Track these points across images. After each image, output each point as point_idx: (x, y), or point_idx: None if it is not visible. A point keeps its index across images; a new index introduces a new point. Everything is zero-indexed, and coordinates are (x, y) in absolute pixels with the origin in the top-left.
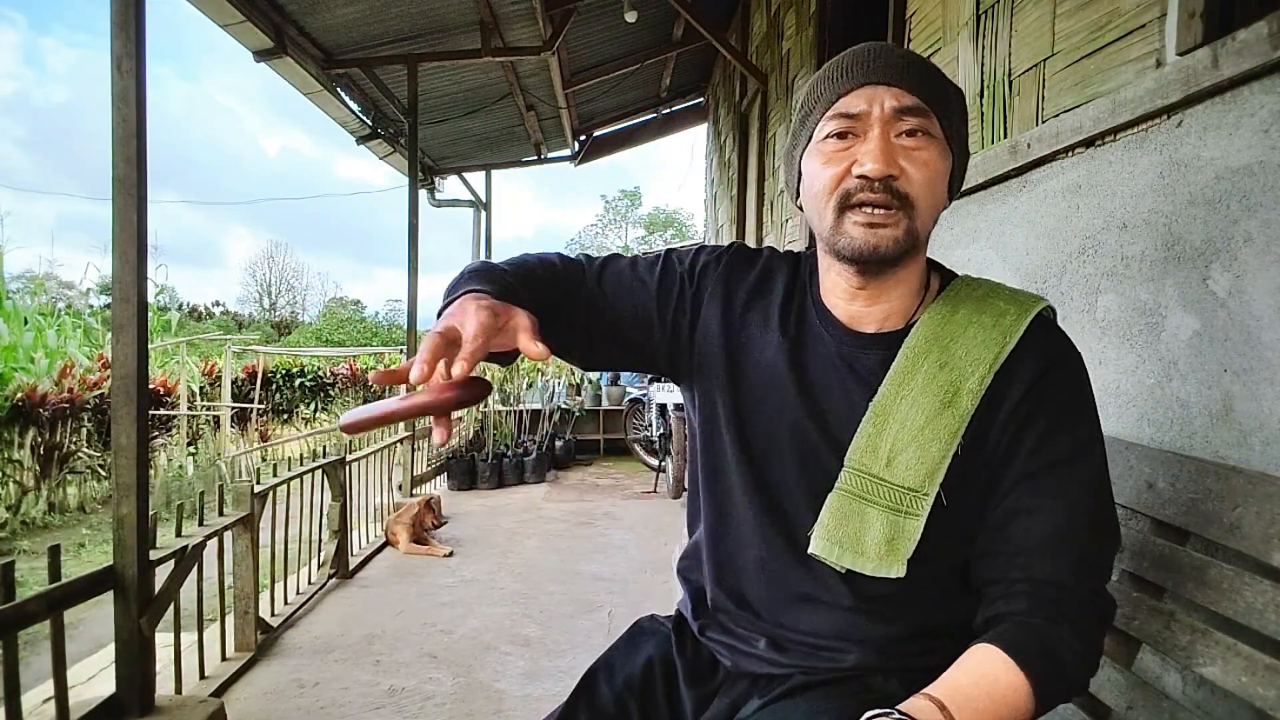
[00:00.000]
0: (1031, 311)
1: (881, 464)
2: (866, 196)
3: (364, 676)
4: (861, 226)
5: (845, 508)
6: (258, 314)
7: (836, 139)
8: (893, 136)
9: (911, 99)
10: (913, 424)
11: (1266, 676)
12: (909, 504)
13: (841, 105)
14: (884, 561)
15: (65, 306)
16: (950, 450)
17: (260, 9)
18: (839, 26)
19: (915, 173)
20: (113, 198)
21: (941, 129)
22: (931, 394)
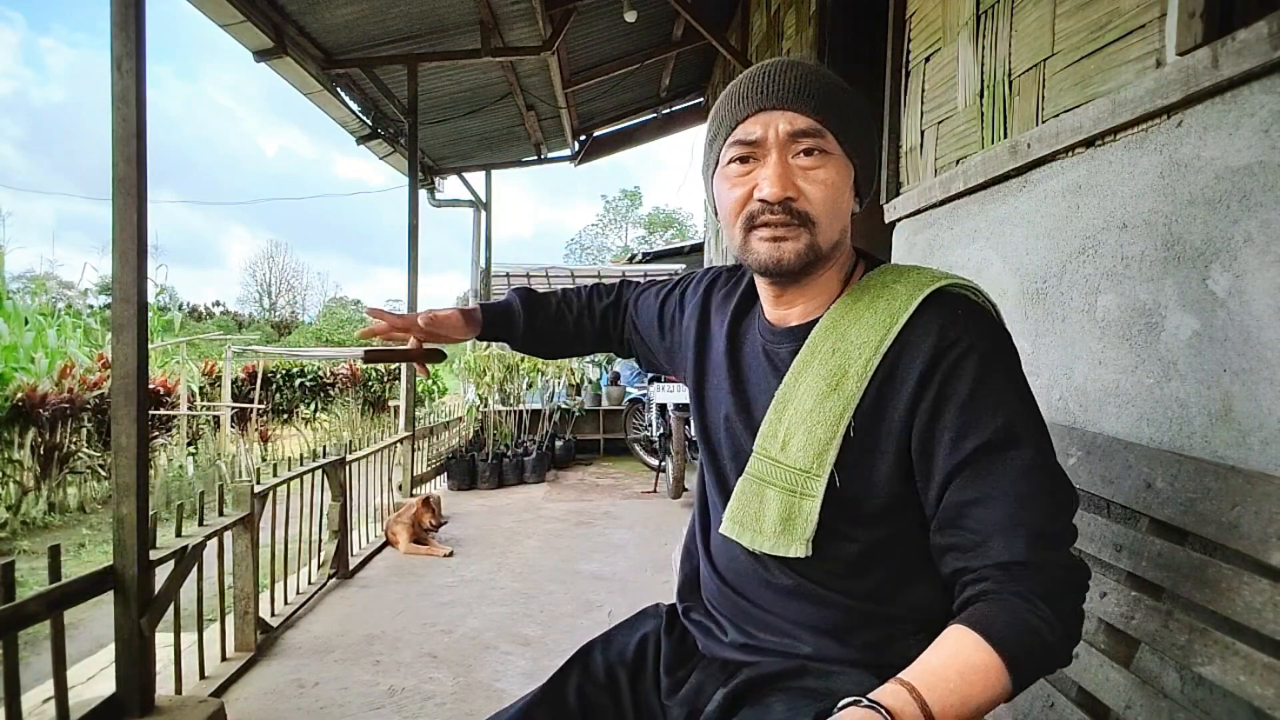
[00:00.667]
0: (923, 291)
1: (779, 447)
2: (767, 218)
3: (364, 676)
4: (765, 242)
5: (748, 489)
6: (258, 314)
7: (739, 163)
8: (790, 158)
9: (805, 121)
10: (804, 409)
11: (1265, 675)
12: (802, 485)
13: (740, 132)
14: (781, 540)
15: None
16: (837, 432)
17: (260, 9)
18: (839, 26)
19: (813, 191)
20: (113, 198)
21: (839, 143)
22: (821, 379)
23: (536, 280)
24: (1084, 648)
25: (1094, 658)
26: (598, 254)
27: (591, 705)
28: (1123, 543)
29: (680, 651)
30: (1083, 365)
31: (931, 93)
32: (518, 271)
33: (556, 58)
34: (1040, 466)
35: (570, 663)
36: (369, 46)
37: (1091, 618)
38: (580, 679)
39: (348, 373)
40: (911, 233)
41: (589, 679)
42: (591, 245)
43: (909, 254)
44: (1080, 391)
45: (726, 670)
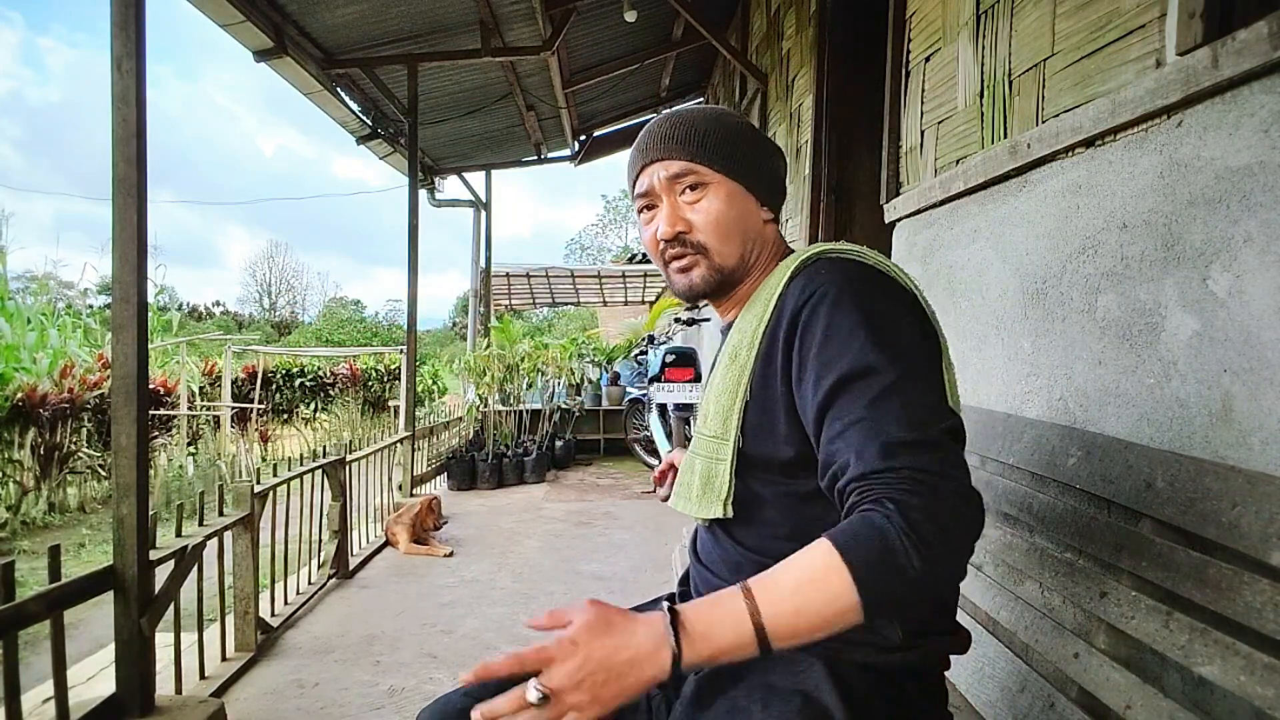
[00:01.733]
0: (792, 265)
1: (703, 422)
2: (670, 253)
3: (364, 676)
4: (676, 273)
5: (686, 464)
6: (258, 314)
7: (646, 210)
8: (677, 197)
9: (678, 164)
10: (715, 385)
11: (1265, 675)
12: (716, 450)
13: (637, 186)
14: (703, 502)
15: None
16: (737, 398)
17: (260, 9)
18: (839, 26)
19: (700, 220)
20: (113, 198)
21: (717, 171)
22: (727, 358)
23: (536, 280)
24: (1084, 647)
25: (1094, 658)
26: (598, 254)
27: None
28: (1123, 543)
29: None
30: (1083, 365)
31: (931, 93)
32: (518, 271)
33: (556, 58)
34: (894, 389)
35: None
36: (369, 46)
37: (1092, 618)
38: None
39: (348, 373)
40: (911, 233)
41: None
42: (591, 245)
43: (909, 254)
44: (1080, 391)
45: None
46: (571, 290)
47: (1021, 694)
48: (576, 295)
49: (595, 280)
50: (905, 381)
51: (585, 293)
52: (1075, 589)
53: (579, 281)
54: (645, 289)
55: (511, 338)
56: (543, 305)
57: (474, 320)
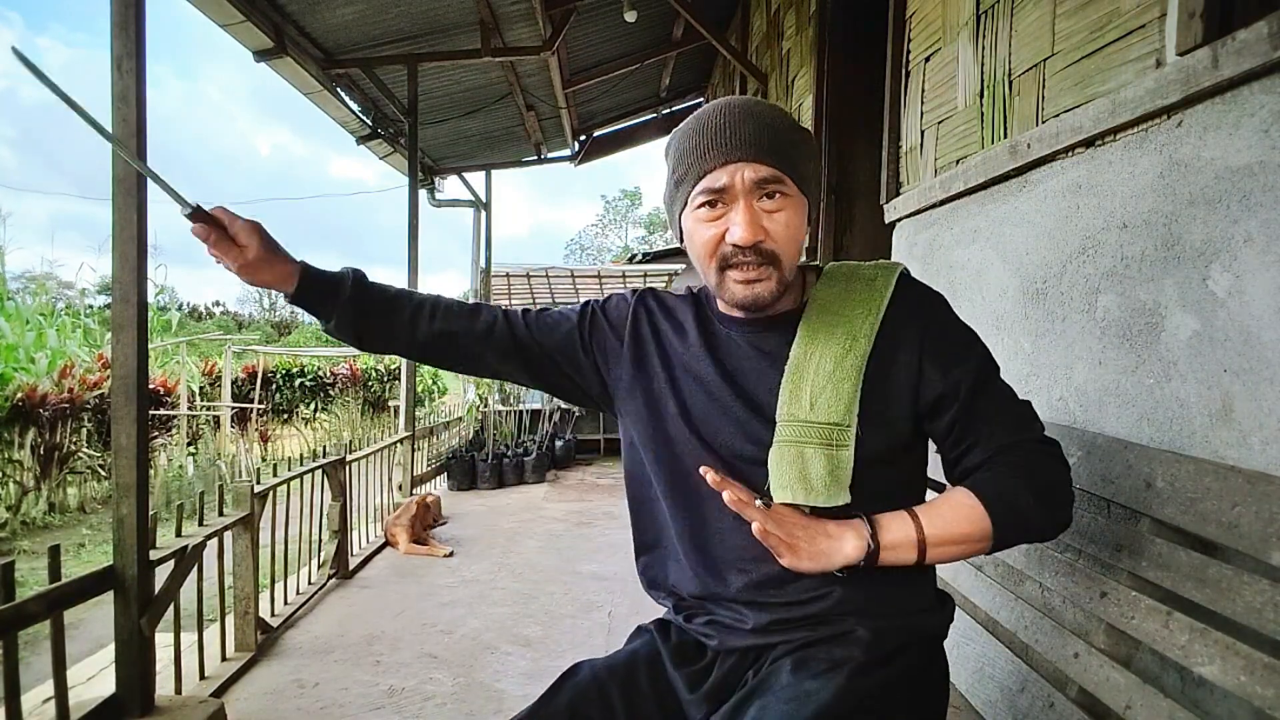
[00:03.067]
0: (895, 273)
1: (807, 409)
2: (740, 259)
3: (364, 677)
4: (740, 284)
5: (787, 455)
6: (258, 314)
7: (708, 207)
8: (755, 203)
9: (767, 170)
10: (825, 370)
11: (1265, 675)
12: (837, 437)
13: (709, 180)
14: (831, 491)
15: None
16: (858, 384)
17: (260, 9)
18: (839, 26)
19: (778, 231)
20: (113, 198)
21: (795, 184)
22: (835, 344)
23: (536, 280)
24: (1084, 647)
25: (1094, 658)
26: (598, 254)
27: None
28: (1123, 543)
29: (685, 653)
30: (1083, 365)
31: (931, 93)
32: (518, 271)
33: (556, 58)
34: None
35: (559, 680)
36: (369, 46)
37: (1092, 618)
38: (570, 695)
39: (348, 373)
40: (912, 233)
41: (579, 694)
42: (591, 245)
43: (909, 254)
44: (1080, 391)
45: (748, 657)
46: (571, 290)
47: (1021, 694)
48: (576, 295)
49: (595, 280)
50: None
51: (585, 293)
52: (1075, 589)
53: (579, 281)
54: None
55: None
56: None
57: None
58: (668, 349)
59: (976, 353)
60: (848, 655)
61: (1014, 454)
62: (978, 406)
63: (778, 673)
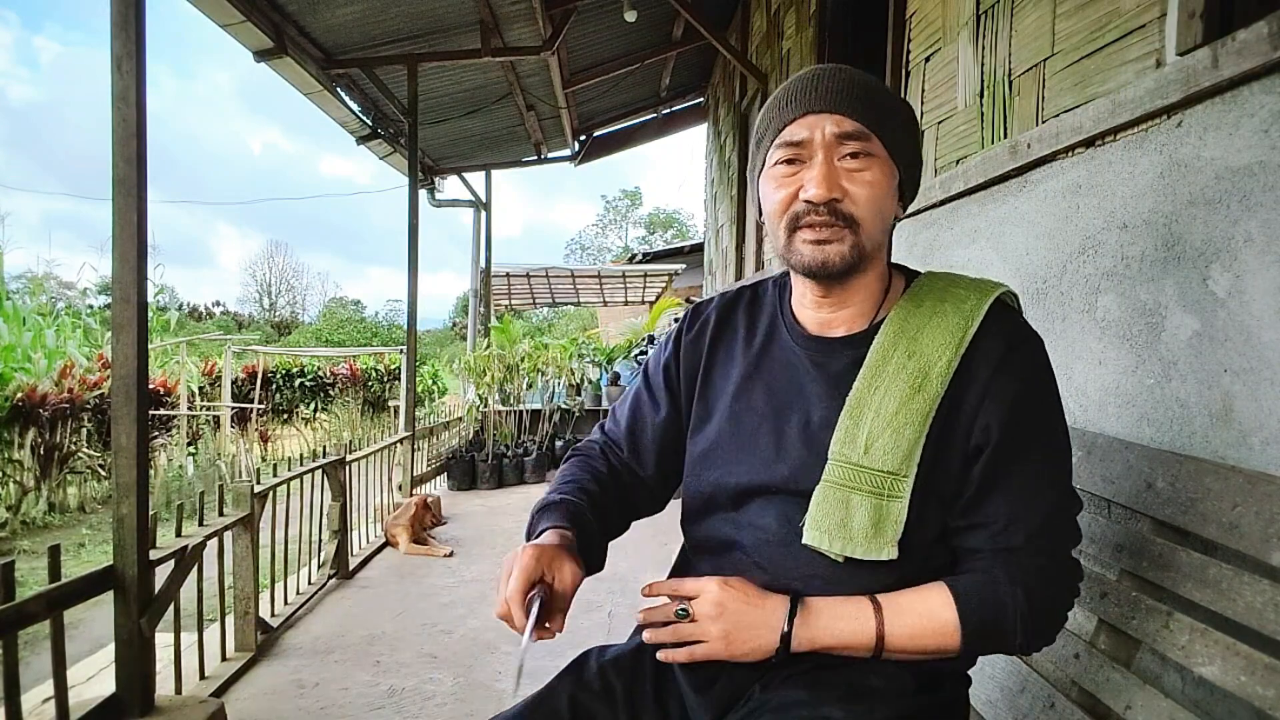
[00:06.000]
0: (990, 296)
1: (860, 452)
2: (813, 219)
3: (364, 677)
4: (810, 244)
5: (830, 497)
6: (257, 314)
7: (785, 165)
8: (836, 160)
9: (851, 124)
10: (886, 411)
11: (1265, 676)
12: (890, 487)
13: (787, 134)
14: (872, 544)
15: (65, 307)
16: (923, 432)
17: (260, 9)
18: (839, 26)
19: (859, 193)
20: (113, 198)
21: (885, 147)
22: (902, 382)
23: (536, 280)
24: (1084, 648)
25: (1094, 658)
26: (598, 254)
27: (584, 713)
28: (1123, 543)
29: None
30: (1083, 365)
31: (931, 93)
32: (518, 271)
33: (556, 58)
34: (1058, 478)
35: (563, 671)
36: (369, 46)
37: (1092, 618)
38: (573, 687)
39: (348, 373)
40: (912, 233)
41: (582, 687)
42: (591, 245)
43: (909, 254)
44: (1080, 391)
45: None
46: (571, 290)
47: (1021, 694)
48: (576, 295)
49: (595, 280)
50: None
51: (585, 293)
52: None
53: (579, 281)
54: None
55: (511, 338)
56: (543, 305)
57: (474, 320)
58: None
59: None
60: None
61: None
62: (1011, 479)
63: (792, 688)
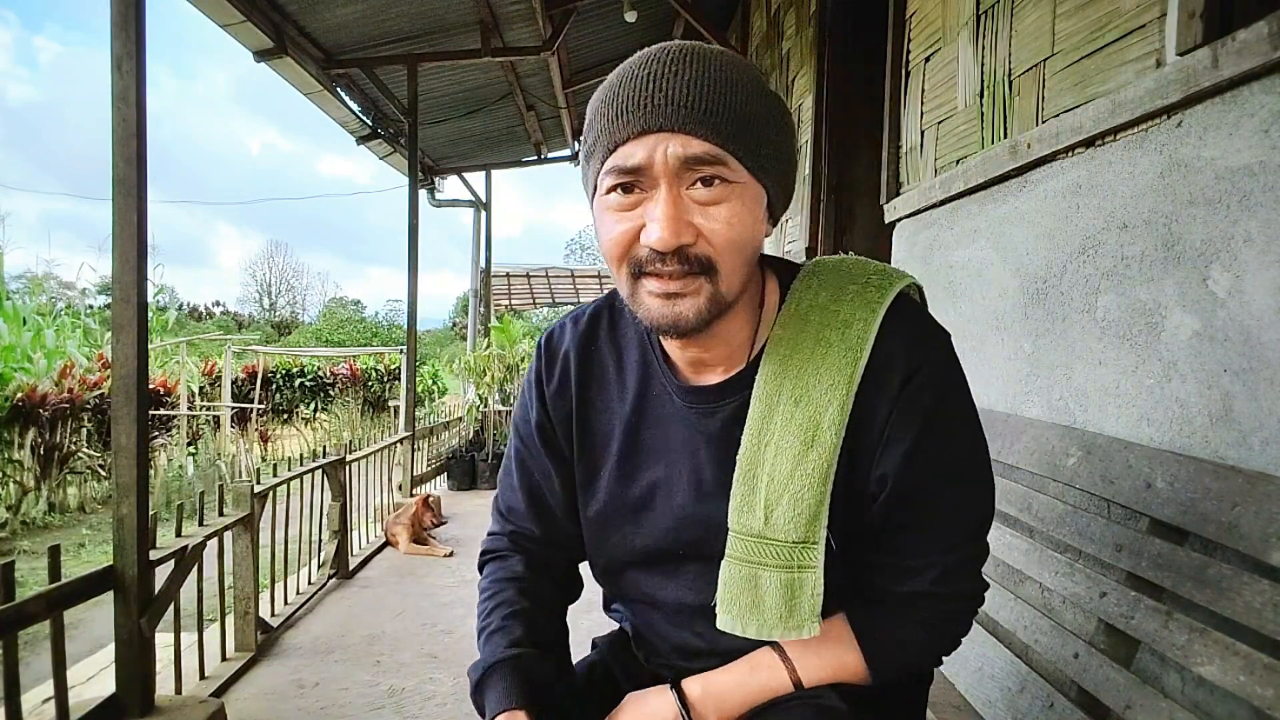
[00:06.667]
0: (878, 313)
1: (760, 522)
2: (659, 268)
3: (364, 677)
4: (658, 298)
5: (737, 576)
6: (258, 314)
7: (620, 193)
8: (684, 189)
9: (701, 145)
10: (781, 473)
11: (1265, 676)
12: (800, 557)
13: (620, 157)
14: (789, 624)
15: (65, 307)
16: (825, 492)
17: (260, 9)
18: (839, 26)
19: (715, 230)
20: (113, 198)
21: (746, 167)
22: (792, 436)
23: (536, 280)
24: (1084, 647)
25: (1094, 658)
26: (598, 254)
27: None
28: (1123, 543)
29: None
30: (1083, 365)
31: (931, 93)
32: (518, 271)
33: (556, 58)
34: (972, 501)
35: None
36: (369, 46)
37: (1092, 618)
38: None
39: (348, 373)
40: (911, 233)
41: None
42: (591, 245)
43: (909, 254)
44: (1080, 391)
45: None
46: (571, 290)
47: (1021, 694)
48: (576, 295)
49: (595, 280)
50: (980, 491)
51: (585, 293)
52: (1075, 589)
53: (579, 281)
54: None
55: (511, 338)
56: (543, 305)
57: (474, 320)
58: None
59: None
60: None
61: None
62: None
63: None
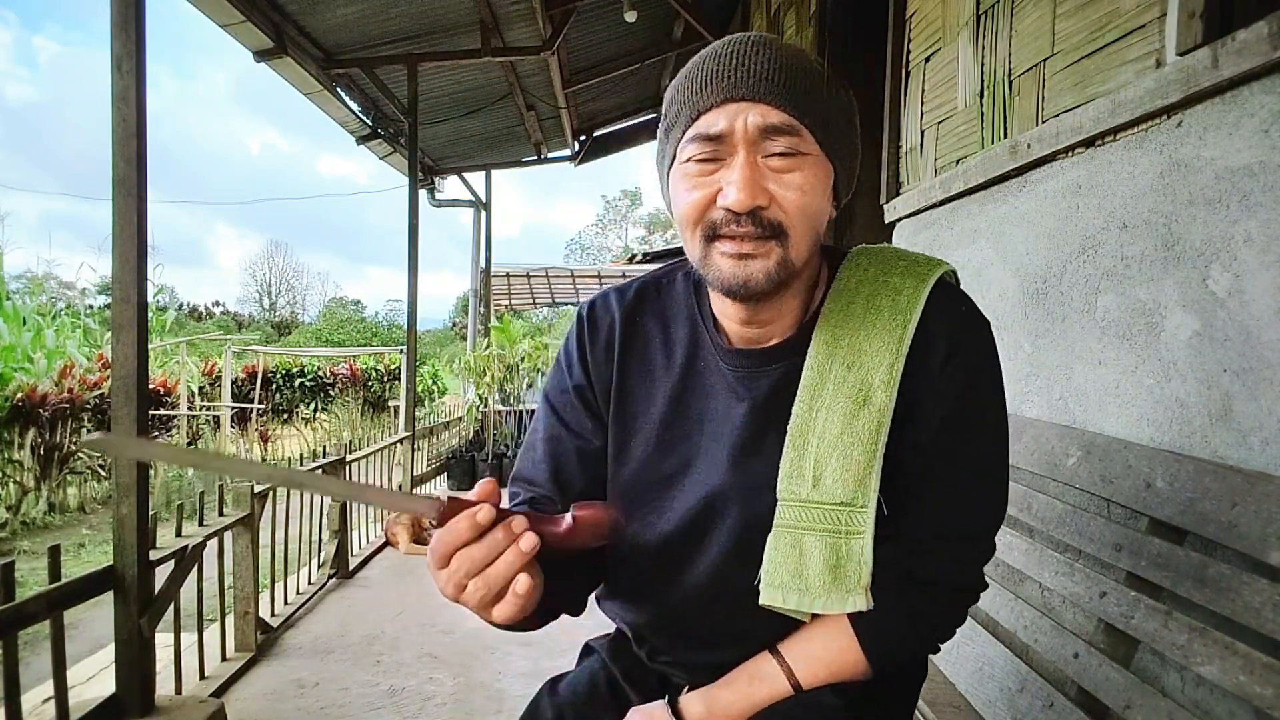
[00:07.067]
0: (928, 282)
1: (809, 485)
2: (733, 229)
3: (364, 677)
4: (730, 259)
5: (784, 543)
6: (258, 314)
7: (699, 163)
8: (760, 158)
9: (779, 115)
10: (831, 434)
11: (1264, 675)
12: (848, 521)
13: (702, 124)
14: (834, 594)
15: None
16: (877, 451)
17: (260, 9)
18: (839, 26)
19: (788, 198)
20: (113, 198)
21: (818, 141)
22: (844, 398)
23: (536, 280)
24: (1084, 647)
25: (1094, 658)
26: (598, 254)
27: None
28: (1122, 543)
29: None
30: (1083, 365)
31: (931, 93)
32: (518, 271)
33: (556, 58)
34: (991, 485)
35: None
36: (369, 46)
37: (1091, 617)
38: None
39: (348, 373)
40: (912, 233)
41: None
42: (591, 245)
43: None
44: (1080, 391)
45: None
46: (571, 290)
47: (1021, 694)
48: (576, 295)
49: (595, 280)
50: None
51: (585, 293)
52: (1075, 589)
53: (579, 281)
54: None
55: (511, 338)
56: (543, 305)
57: (474, 320)
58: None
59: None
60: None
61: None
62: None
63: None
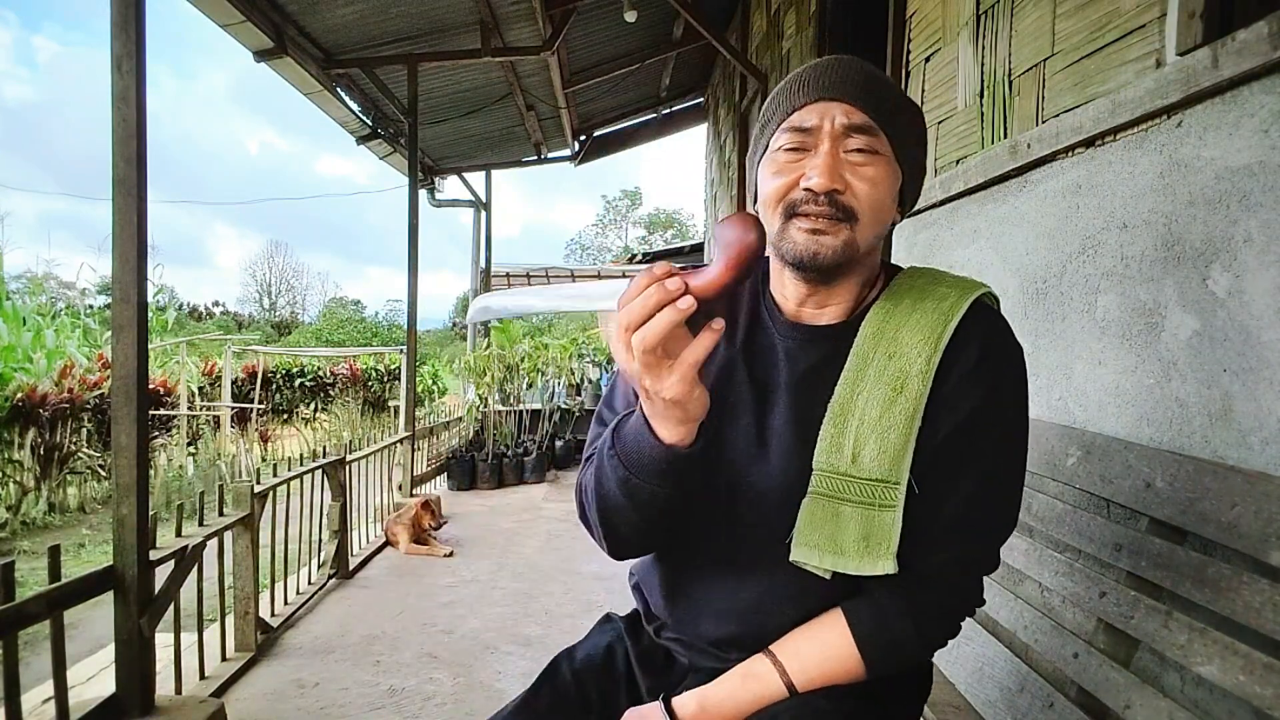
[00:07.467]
0: (971, 295)
1: (847, 461)
2: (810, 208)
3: (364, 677)
4: (805, 233)
5: (819, 510)
6: (258, 314)
7: (788, 151)
8: (841, 152)
9: (862, 116)
10: (870, 417)
11: (1264, 675)
12: (881, 496)
13: (796, 119)
14: (865, 559)
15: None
16: (911, 436)
17: (260, 9)
18: (839, 26)
19: (861, 187)
20: (113, 198)
21: (891, 147)
22: (884, 384)
23: (536, 280)
24: (1083, 647)
25: (1093, 657)
26: (598, 254)
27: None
28: (1122, 543)
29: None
30: (1083, 365)
31: (931, 93)
32: (518, 271)
33: (556, 58)
34: (1000, 495)
35: (540, 680)
36: (369, 46)
37: (1091, 617)
38: (550, 696)
39: (348, 373)
40: (912, 233)
41: (559, 694)
42: (591, 245)
43: (909, 254)
44: (1080, 391)
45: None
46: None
47: (1021, 694)
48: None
49: (595, 280)
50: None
51: None
52: (1075, 589)
53: (580, 282)
54: None
55: (511, 338)
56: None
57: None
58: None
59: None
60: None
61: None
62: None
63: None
